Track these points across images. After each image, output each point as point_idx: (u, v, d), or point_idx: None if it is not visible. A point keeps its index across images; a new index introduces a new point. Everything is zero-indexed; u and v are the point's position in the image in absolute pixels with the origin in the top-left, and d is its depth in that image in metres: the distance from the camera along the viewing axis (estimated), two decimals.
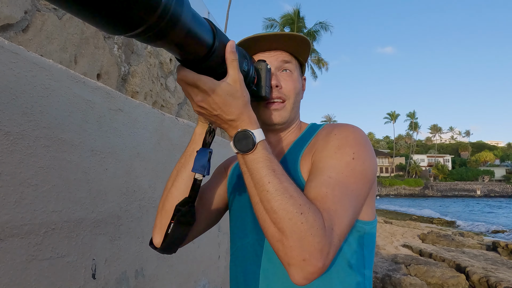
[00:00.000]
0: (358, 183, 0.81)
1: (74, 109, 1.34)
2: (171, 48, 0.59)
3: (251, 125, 0.74)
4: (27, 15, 1.47)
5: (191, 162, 0.91)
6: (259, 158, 0.73)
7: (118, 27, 0.47)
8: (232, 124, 0.73)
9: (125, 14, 0.44)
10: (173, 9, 0.50)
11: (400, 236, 12.44)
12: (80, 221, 1.35)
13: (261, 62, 0.90)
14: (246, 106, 0.74)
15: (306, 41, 0.97)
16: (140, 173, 1.81)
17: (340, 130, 0.90)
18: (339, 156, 0.83)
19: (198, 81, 0.67)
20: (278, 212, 0.69)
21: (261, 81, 0.88)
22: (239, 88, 0.71)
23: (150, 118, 1.92)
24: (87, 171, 1.40)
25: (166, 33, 0.53)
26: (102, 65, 1.97)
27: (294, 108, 0.99)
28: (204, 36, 0.63)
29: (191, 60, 0.66)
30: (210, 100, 0.69)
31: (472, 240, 11.93)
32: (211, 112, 0.72)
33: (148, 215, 1.84)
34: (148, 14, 0.47)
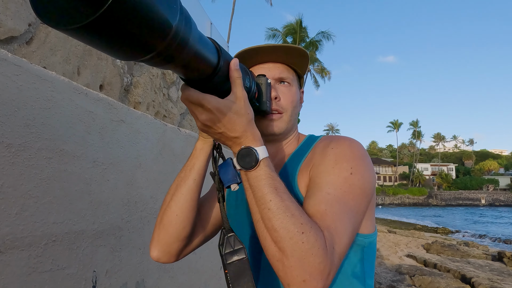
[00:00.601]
0: (357, 198, 0.81)
1: (76, 121, 1.35)
2: (177, 69, 0.60)
3: (255, 142, 0.74)
4: (31, 27, 1.49)
5: (191, 177, 0.90)
6: (262, 176, 0.72)
7: (128, 54, 0.47)
8: (236, 141, 0.73)
9: (137, 41, 0.44)
10: (182, 33, 0.50)
11: (404, 246, 12.32)
12: (81, 233, 1.35)
13: (261, 76, 0.90)
14: (250, 123, 0.74)
15: (305, 53, 0.97)
16: (142, 183, 1.80)
17: (337, 143, 0.89)
18: (337, 171, 0.82)
19: (202, 100, 0.67)
20: (279, 231, 0.68)
21: (262, 95, 0.89)
22: (243, 105, 0.72)
23: (152, 129, 1.92)
24: (88, 182, 1.40)
25: (175, 57, 0.53)
26: (105, 76, 1.99)
27: (292, 120, 0.99)
28: (210, 56, 0.63)
29: (196, 80, 0.66)
30: (214, 119, 0.69)
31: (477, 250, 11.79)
32: (216, 130, 0.72)
33: (149, 226, 1.83)
34: (159, 40, 0.47)
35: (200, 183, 0.92)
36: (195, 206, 0.93)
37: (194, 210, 0.93)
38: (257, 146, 0.73)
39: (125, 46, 0.45)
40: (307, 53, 0.97)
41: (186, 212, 0.92)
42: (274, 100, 0.95)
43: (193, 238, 0.99)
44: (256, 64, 0.99)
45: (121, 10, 0.39)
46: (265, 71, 0.96)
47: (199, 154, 0.91)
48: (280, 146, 1.02)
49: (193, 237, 0.99)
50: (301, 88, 1.07)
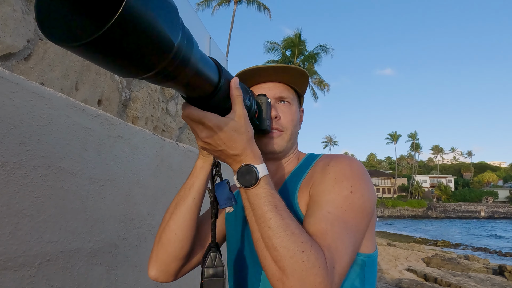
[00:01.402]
0: (357, 217, 0.80)
1: (73, 137, 1.34)
2: (178, 87, 0.60)
3: (255, 160, 0.74)
4: (30, 44, 1.49)
5: (191, 195, 0.90)
6: (262, 193, 0.72)
7: (130, 72, 0.48)
8: (236, 158, 0.73)
9: (139, 59, 0.45)
10: (184, 52, 0.51)
11: (404, 259, 12.21)
12: (76, 251, 1.32)
13: (262, 96, 0.91)
14: (250, 141, 0.74)
15: (304, 73, 0.98)
16: (139, 200, 1.78)
17: (337, 162, 0.88)
18: (337, 190, 0.81)
19: (203, 118, 0.67)
20: (279, 250, 0.67)
21: (263, 114, 0.89)
22: (243, 123, 0.72)
23: (150, 144, 1.91)
24: (84, 200, 1.39)
25: (176, 75, 0.54)
26: (103, 91, 1.99)
27: (292, 139, 0.99)
28: (211, 75, 0.64)
29: (196, 98, 0.66)
30: (215, 136, 0.70)
31: (478, 264, 11.68)
32: (216, 147, 0.72)
33: (146, 243, 1.81)
34: (161, 58, 0.47)
35: (199, 202, 0.92)
36: (194, 225, 0.93)
37: (193, 229, 0.93)
38: (257, 164, 0.73)
39: (127, 64, 0.45)
40: (306, 73, 0.98)
41: (185, 231, 0.91)
42: (275, 119, 0.95)
43: (191, 257, 0.98)
44: (257, 83, 0.99)
45: (124, 29, 0.39)
46: (265, 91, 0.97)
47: (199, 173, 0.90)
48: (280, 164, 1.02)
49: (191, 256, 0.98)
50: (301, 107, 1.08)
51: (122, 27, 0.39)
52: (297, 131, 1.02)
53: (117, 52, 0.42)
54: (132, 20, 0.39)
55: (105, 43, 0.40)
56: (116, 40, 0.40)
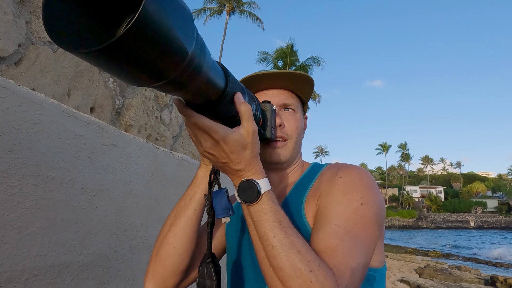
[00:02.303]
0: (368, 230, 0.76)
1: (65, 145, 1.28)
2: (187, 95, 0.58)
3: (257, 175, 0.71)
4: (21, 48, 1.44)
5: (191, 206, 0.86)
6: (265, 210, 0.68)
7: (142, 80, 0.45)
8: (238, 173, 0.71)
9: (152, 67, 0.43)
10: (197, 60, 0.49)
11: (396, 270, 12.17)
12: (66, 265, 1.26)
13: (266, 103, 0.88)
14: (255, 158, 0.71)
15: (310, 79, 0.95)
16: (132, 210, 1.72)
17: (345, 172, 0.85)
18: (347, 202, 0.78)
19: (210, 129, 0.64)
20: (285, 270, 0.63)
21: (267, 122, 0.86)
22: (251, 140, 0.69)
23: (144, 153, 1.85)
24: (76, 211, 1.32)
25: (188, 83, 0.52)
26: (96, 98, 1.93)
27: (296, 148, 0.96)
28: (219, 82, 0.61)
29: (199, 104, 0.63)
30: (219, 149, 0.67)
31: (470, 275, 11.69)
32: (219, 159, 0.69)
33: (139, 256, 1.74)
34: (175, 66, 0.45)
35: (200, 214, 0.87)
36: (195, 238, 0.88)
37: (193, 241, 0.88)
38: (259, 179, 0.70)
39: (139, 72, 0.43)
40: (312, 80, 0.95)
41: (185, 245, 0.86)
42: (279, 127, 0.92)
43: (190, 271, 0.93)
44: (261, 90, 0.97)
45: (139, 36, 0.37)
46: (269, 98, 0.94)
47: (200, 183, 0.86)
48: (285, 174, 0.98)
49: (190, 270, 0.92)
50: (305, 114, 1.05)
51: (136, 35, 0.36)
52: (301, 139, 0.99)
53: (129, 59, 0.39)
54: (147, 28, 0.37)
55: (116, 51, 0.37)
56: (128, 48, 0.37)
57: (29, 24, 1.47)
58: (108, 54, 0.38)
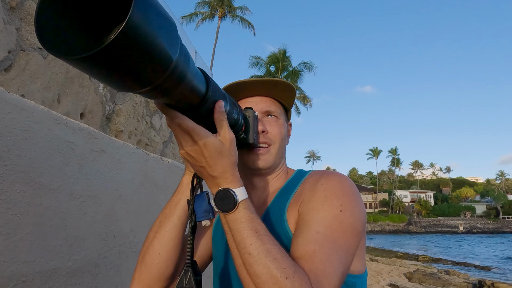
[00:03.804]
0: (347, 236, 0.78)
1: (54, 152, 1.29)
2: (171, 101, 0.60)
3: (233, 184, 0.71)
4: (11, 54, 1.44)
5: (176, 213, 0.87)
6: (241, 218, 0.70)
7: (127, 86, 0.48)
8: (214, 181, 0.71)
9: (137, 74, 0.45)
10: (181, 68, 0.51)
11: (386, 274, 12.24)
12: (54, 271, 1.26)
13: (249, 109, 0.90)
14: (232, 166, 0.72)
15: (291, 87, 0.97)
16: (121, 216, 1.73)
17: (326, 179, 0.87)
18: (327, 209, 0.80)
19: (192, 131, 0.65)
20: (261, 277, 0.65)
21: (249, 128, 0.88)
22: (228, 147, 0.70)
23: (134, 159, 1.86)
24: (64, 217, 1.33)
25: (172, 90, 0.54)
26: (86, 104, 1.94)
27: (279, 153, 0.97)
28: (200, 87, 0.63)
29: (181, 108, 0.65)
30: (199, 151, 0.68)
31: (458, 279, 11.82)
32: (197, 163, 0.70)
33: (128, 261, 1.74)
34: (159, 73, 0.48)
35: (185, 220, 0.88)
36: (180, 244, 0.89)
37: (178, 248, 0.89)
38: (236, 188, 0.71)
39: (125, 79, 0.46)
40: (293, 87, 0.97)
41: (170, 251, 0.87)
42: (262, 133, 0.93)
43: (176, 277, 0.93)
44: (244, 97, 0.98)
45: (124, 44, 0.39)
46: (252, 105, 0.96)
47: (185, 189, 0.88)
48: (268, 180, 1.00)
49: (176, 277, 0.93)
50: (289, 120, 1.07)
51: (123, 42, 0.39)
52: (285, 145, 1.01)
53: (115, 66, 0.42)
54: (134, 36, 0.39)
55: (105, 58, 0.40)
56: (116, 55, 0.40)
57: (19, 30, 1.48)
58: (96, 61, 0.40)
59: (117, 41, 0.38)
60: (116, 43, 0.38)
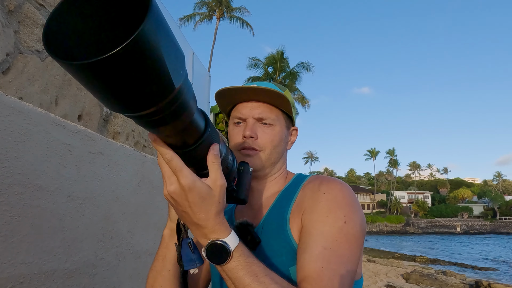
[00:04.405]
0: (352, 247, 0.80)
1: (52, 154, 1.30)
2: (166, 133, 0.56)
3: (221, 233, 0.67)
4: (9, 57, 1.46)
5: (165, 268, 0.87)
6: (238, 267, 0.68)
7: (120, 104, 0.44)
8: (201, 230, 0.67)
9: (135, 91, 0.42)
10: (182, 100, 0.49)
11: (383, 275, 12.27)
12: (51, 273, 1.27)
13: (244, 163, 0.87)
14: (217, 214, 0.67)
15: (280, 95, 0.93)
16: (119, 217, 1.74)
17: (328, 188, 0.87)
18: (331, 221, 0.81)
19: (179, 172, 0.61)
20: None
21: (242, 183, 0.84)
22: (217, 193, 0.66)
23: (131, 161, 1.88)
24: (62, 218, 1.34)
25: (167, 122, 0.51)
26: (84, 106, 1.95)
27: (272, 159, 0.96)
28: (198, 127, 0.59)
29: (174, 145, 0.61)
30: (182, 195, 0.63)
31: (455, 279, 11.86)
32: (180, 207, 0.66)
33: (125, 262, 1.75)
34: (156, 99, 0.45)
35: (176, 272, 0.87)
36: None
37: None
38: (226, 237, 0.67)
39: (120, 96, 0.43)
40: (282, 94, 0.93)
41: None
42: (251, 138, 0.93)
43: None
44: (239, 102, 0.98)
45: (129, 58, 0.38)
46: (246, 110, 0.95)
47: (168, 243, 0.87)
48: (266, 183, 1.00)
49: None
50: (293, 125, 1.04)
51: (131, 53, 0.37)
52: (280, 151, 0.98)
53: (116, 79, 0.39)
54: (141, 50, 0.38)
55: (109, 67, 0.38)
56: (120, 66, 0.38)
57: (17, 33, 1.49)
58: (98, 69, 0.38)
59: (123, 52, 0.36)
60: (122, 54, 0.37)
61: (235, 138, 0.97)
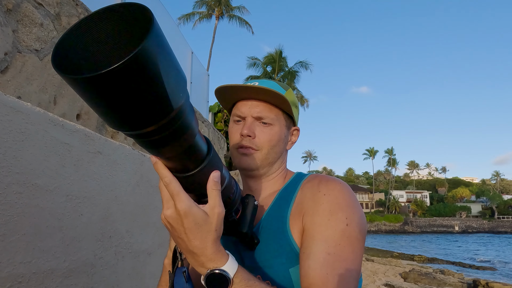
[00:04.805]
0: (355, 249, 0.80)
1: (51, 153, 1.30)
2: (164, 157, 0.56)
3: (219, 261, 0.65)
4: (7, 56, 1.45)
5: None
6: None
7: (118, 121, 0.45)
8: (196, 258, 0.66)
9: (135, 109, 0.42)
10: (182, 121, 0.49)
11: (382, 274, 12.30)
12: (50, 272, 1.27)
13: (249, 196, 0.84)
14: (213, 242, 0.65)
15: (279, 95, 0.92)
16: (117, 217, 1.74)
17: (328, 189, 0.86)
18: (333, 224, 0.80)
19: (177, 196, 0.61)
20: None
21: (245, 216, 0.82)
22: (214, 221, 0.64)
23: (130, 160, 1.87)
24: (60, 218, 1.34)
25: (166, 143, 0.51)
26: (83, 105, 1.95)
27: (269, 158, 0.95)
28: (199, 153, 0.59)
29: (175, 169, 0.60)
30: (178, 220, 0.62)
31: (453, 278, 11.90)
32: (176, 233, 0.65)
33: (124, 262, 1.76)
34: (155, 118, 0.45)
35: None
36: None
37: None
38: (223, 264, 0.65)
39: (119, 112, 0.43)
40: (282, 96, 0.92)
41: None
42: (248, 137, 0.93)
43: None
44: (239, 100, 0.97)
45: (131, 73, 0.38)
46: (246, 108, 0.95)
47: (167, 271, 0.86)
48: (264, 182, 0.99)
49: None
50: (294, 125, 1.04)
51: (130, 69, 0.38)
52: (278, 151, 0.98)
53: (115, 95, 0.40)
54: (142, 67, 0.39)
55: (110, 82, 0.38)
56: (119, 82, 0.38)
57: (16, 32, 1.49)
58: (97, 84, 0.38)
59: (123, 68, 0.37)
60: (121, 69, 0.37)
61: (233, 136, 0.97)
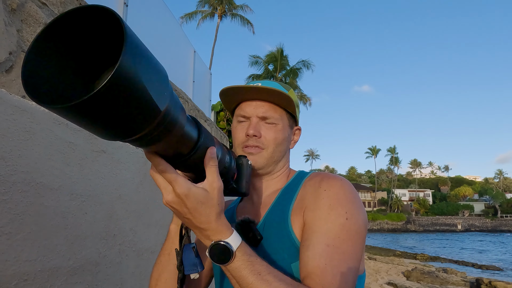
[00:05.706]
0: (355, 244, 0.81)
1: (55, 152, 1.30)
2: (158, 149, 0.58)
3: (223, 234, 0.69)
4: (12, 56, 1.46)
5: (171, 262, 0.87)
6: (241, 266, 0.69)
7: (110, 134, 0.46)
8: (203, 232, 0.69)
9: (121, 122, 0.43)
10: (169, 118, 0.50)
11: (384, 273, 12.29)
12: (55, 270, 1.28)
13: (242, 157, 0.87)
14: (217, 215, 0.68)
15: (283, 95, 0.94)
16: (121, 215, 1.75)
17: (329, 185, 0.87)
18: (333, 218, 0.81)
19: (174, 182, 0.63)
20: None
21: (242, 177, 0.85)
22: (215, 196, 0.67)
23: (133, 159, 1.88)
24: (65, 216, 1.35)
25: (159, 139, 0.52)
26: None
27: (274, 157, 0.97)
28: (191, 137, 0.61)
29: (170, 156, 0.61)
30: (181, 203, 0.65)
31: (456, 277, 11.87)
32: (181, 214, 0.68)
33: (128, 260, 1.76)
34: (145, 124, 0.46)
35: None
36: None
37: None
38: (228, 237, 0.69)
39: (108, 128, 0.44)
40: (286, 95, 0.94)
41: None
42: (254, 137, 0.94)
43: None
44: (243, 100, 0.98)
45: (112, 94, 0.38)
46: (251, 109, 0.96)
47: (174, 238, 0.88)
48: (268, 181, 1.01)
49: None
50: (296, 125, 1.05)
51: (110, 92, 0.38)
52: (283, 150, 0.99)
53: (101, 115, 0.40)
54: (122, 85, 0.39)
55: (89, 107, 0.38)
56: (102, 104, 0.39)
57: (20, 32, 1.50)
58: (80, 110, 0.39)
59: (104, 91, 0.37)
60: (102, 93, 0.37)
61: (238, 136, 0.98)
